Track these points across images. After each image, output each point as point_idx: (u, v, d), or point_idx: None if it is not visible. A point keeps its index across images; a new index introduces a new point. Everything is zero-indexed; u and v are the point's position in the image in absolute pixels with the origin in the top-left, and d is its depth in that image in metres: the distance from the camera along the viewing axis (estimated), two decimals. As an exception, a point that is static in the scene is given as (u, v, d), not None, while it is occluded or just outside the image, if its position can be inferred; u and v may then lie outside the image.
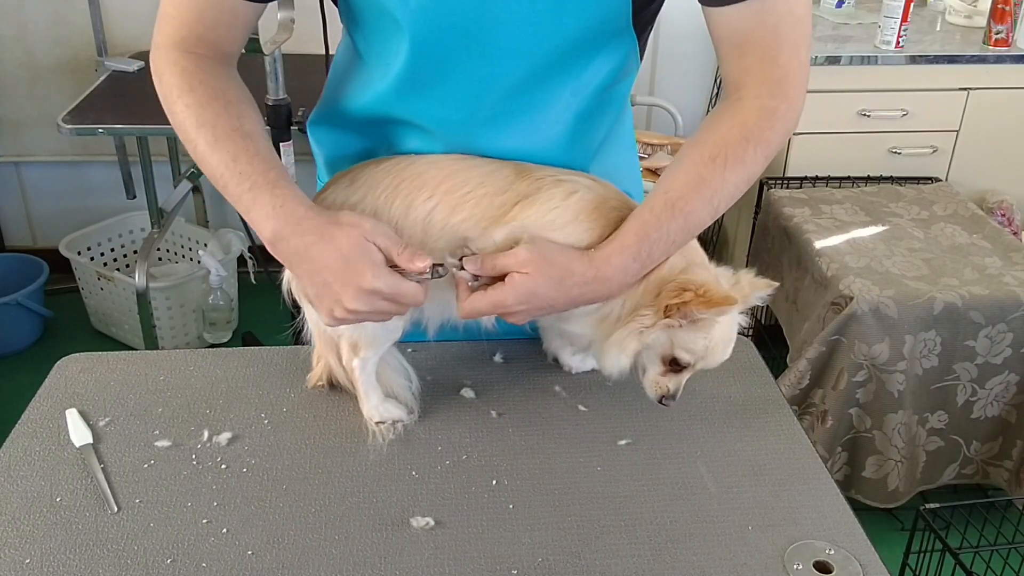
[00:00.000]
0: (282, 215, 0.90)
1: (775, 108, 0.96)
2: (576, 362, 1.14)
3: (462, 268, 0.93)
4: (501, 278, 0.93)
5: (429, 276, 0.91)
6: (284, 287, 1.03)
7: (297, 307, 1.05)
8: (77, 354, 1.16)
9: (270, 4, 1.01)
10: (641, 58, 1.05)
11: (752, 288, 0.97)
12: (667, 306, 0.93)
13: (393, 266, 0.90)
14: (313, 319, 1.04)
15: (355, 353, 1.02)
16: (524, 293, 0.91)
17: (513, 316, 0.94)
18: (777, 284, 0.98)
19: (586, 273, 0.92)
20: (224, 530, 0.90)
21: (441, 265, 0.92)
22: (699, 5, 0.97)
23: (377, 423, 1.04)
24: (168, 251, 3.09)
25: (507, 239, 0.95)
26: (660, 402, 0.99)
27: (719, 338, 0.96)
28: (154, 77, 0.99)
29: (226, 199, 0.95)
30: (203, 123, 0.94)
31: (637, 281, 0.95)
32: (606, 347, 0.98)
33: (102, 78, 2.53)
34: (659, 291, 0.95)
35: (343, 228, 0.90)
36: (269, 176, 0.92)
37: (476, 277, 0.93)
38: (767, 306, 2.63)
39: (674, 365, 0.98)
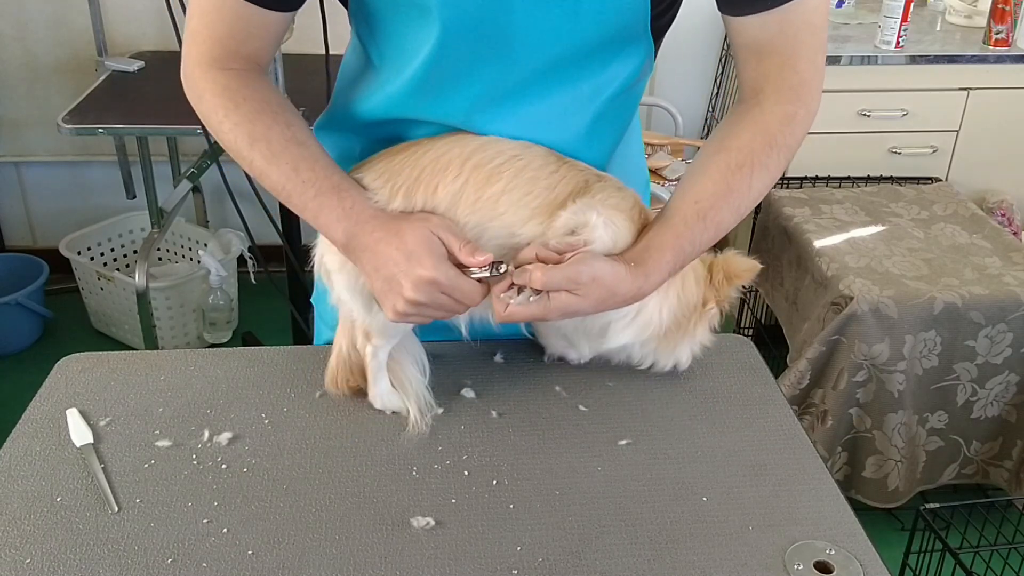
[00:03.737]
0: (352, 215, 0.93)
1: (795, 113, 0.98)
2: (581, 352, 1.15)
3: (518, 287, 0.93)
4: None
5: (488, 274, 0.92)
6: (315, 262, 1.04)
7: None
8: (77, 354, 1.16)
9: None
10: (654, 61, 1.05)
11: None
12: (719, 300, 1.05)
13: (457, 264, 0.92)
14: (343, 300, 1.03)
15: (368, 340, 1.03)
16: (570, 313, 0.93)
17: (550, 321, 0.97)
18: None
19: (627, 292, 0.94)
20: (224, 530, 0.90)
21: (501, 263, 0.93)
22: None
23: (378, 409, 1.05)
24: (168, 251, 3.09)
25: (568, 222, 0.95)
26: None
27: None
28: (191, 98, 0.99)
29: (291, 209, 0.96)
30: (256, 138, 0.94)
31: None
32: (678, 349, 1.07)
33: (102, 78, 2.53)
34: (697, 281, 1.04)
35: (410, 223, 0.92)
36: (333, 180, 0.94)
37: (534, 291, 0.93)
38: (767, 306, 2.63)
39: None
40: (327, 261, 1.02)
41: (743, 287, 1.07)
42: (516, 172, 0.96)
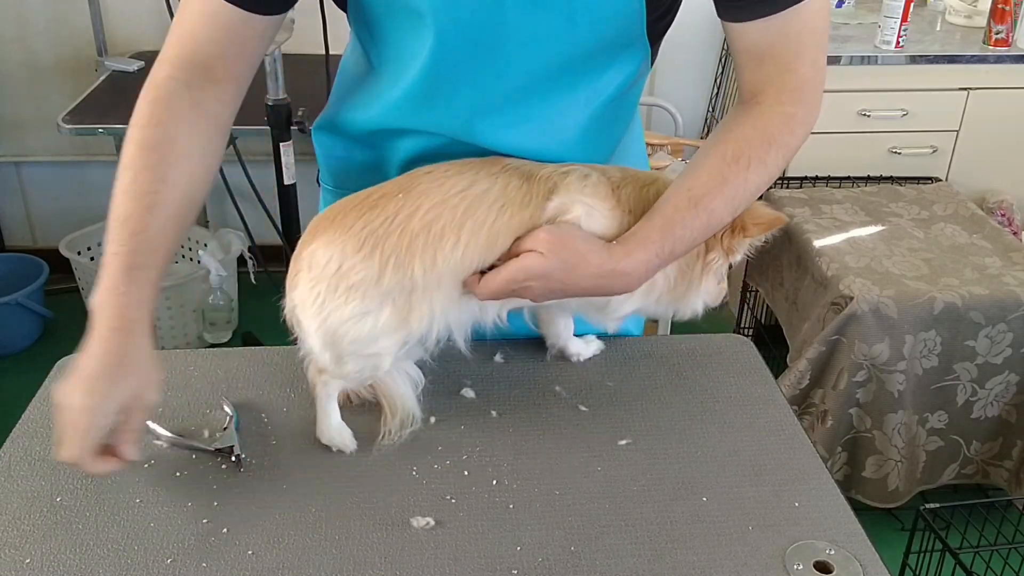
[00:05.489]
0: (114, 299, 0.89)
1: (795, 114, 0.98)
2: (581, 347, 1.15)
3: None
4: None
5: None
6: (287, 313, 0.99)
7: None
8: (77, 354, 1.15)
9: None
10: (652, 64, 1.05)
11: None
12: (729, 247, 1.01)
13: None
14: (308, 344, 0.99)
15: (319, 374, 1.00)
16: (536, 272, 0.92)
17: (527, 291, 0.94)
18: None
19: (602, 265, 0.93)
20: (224, 530, 0.90)
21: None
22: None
23: (324, 444, 1.01)
24: (168, 251, 3.08)
25: (553, 214, 0.95)
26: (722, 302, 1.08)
27: None
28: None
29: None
30: (128, 166, 0.91)
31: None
32: (688, 299, 1.04)
33: (102, 78, 2.53)
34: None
35: (129, 364, 0.91)
36: (136, 260, 0.89)
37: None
38: (767, 306, 2.63)
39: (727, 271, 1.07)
40: (299, 312, 0.96)
41: (764, 239, 1.01)
42: (507, 221, 0.94)
